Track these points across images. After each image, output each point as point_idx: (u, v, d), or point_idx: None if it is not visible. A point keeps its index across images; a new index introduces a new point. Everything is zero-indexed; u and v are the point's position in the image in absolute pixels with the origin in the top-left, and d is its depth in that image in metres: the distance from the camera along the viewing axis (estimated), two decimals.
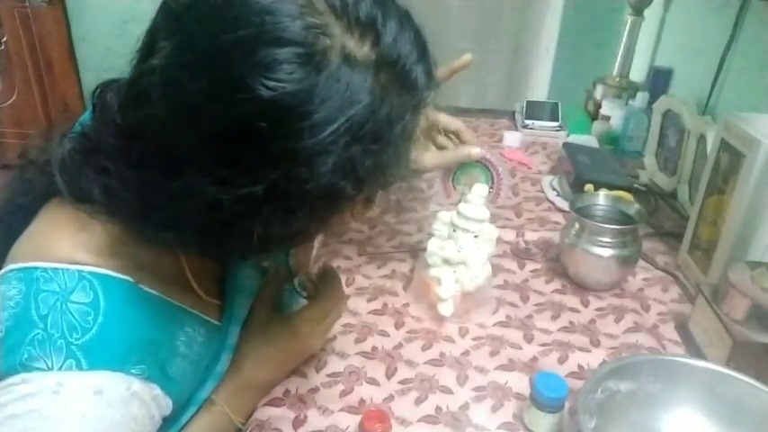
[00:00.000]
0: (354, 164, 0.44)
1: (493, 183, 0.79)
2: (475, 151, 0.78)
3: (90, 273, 0.48)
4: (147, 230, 0.49)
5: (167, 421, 0.56)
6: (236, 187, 0.42)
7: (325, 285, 0.69)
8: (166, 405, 0.53)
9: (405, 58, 0.45)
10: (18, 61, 2.58)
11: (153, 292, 0.53)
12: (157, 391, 0.51)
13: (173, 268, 0.55)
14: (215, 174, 0.43)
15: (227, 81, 0.41)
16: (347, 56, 0.42)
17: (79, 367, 0.45)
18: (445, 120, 0.82)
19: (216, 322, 0.62)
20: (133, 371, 0.48)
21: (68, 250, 0.49)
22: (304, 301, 0.71)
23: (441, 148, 0.83)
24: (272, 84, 0.40)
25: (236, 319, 0.64)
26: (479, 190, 0.76)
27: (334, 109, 0.41)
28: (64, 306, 0.46)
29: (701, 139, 1.02)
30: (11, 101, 2.67)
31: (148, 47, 0.46)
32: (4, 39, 2.54)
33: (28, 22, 2.50)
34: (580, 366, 0.73)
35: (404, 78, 0.46)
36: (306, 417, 0.65)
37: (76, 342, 0.46)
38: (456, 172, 0.82)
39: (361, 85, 0.42)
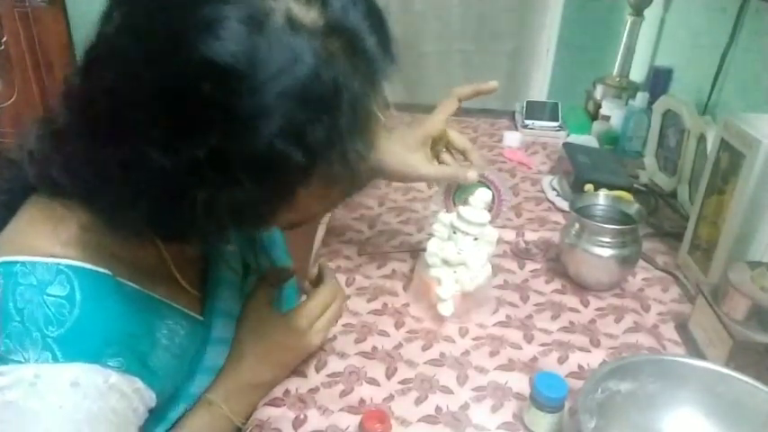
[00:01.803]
0: (301, 130, 0.43)
1: (493, 202, 0.79)
2: (472, 175, 0.77)
3: (67, 266, 0.48)
4: (106, 212, 0.49)
5: (156, 416, 0.56)
6: (178, 152, 0.42)
7: (321, 282, 0.69)
8: (150, 398, 0.53)
9: (355, 27, 0.45)
10: (18, 61, 2.58)
11: (131, 284, 0.53)
12: (139, 384, 0.51)
13: (153, 260, 0.56)
14: (158, 139, 0.42)
15: (168, 39, 0.41)
16: (291, 19, 0.42)
17: (55, 359, 0.46)
18: (454, 137, 0.81)
19: (198, 317, 0.62)
20: (110, 363, 0.48)
21: (46, 244, 0.49)
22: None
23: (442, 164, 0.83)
24: (212, 42, 0.40)
25: (219, 311, 0.64)
26: (482, 194, 0.76)
27: (275, 70, 0.41)
28: (40, 299, 0.47)
29: (701, 139, 1.02)
30: (11, 101, 2.67)
31: (105, 17, 0.46)
32: (4, 39, 2.54)
33: (28, 22, 2.50)
34: (580, 366, 0.73)
35: (354, 47, 0.45)
36: (306, 417, 0.65)
37: (52, 335, 0.46)
38: (456, 191, 0.82)
39: (305, 48, 0.42)
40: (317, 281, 0.71)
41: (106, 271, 0.50)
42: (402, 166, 0.76)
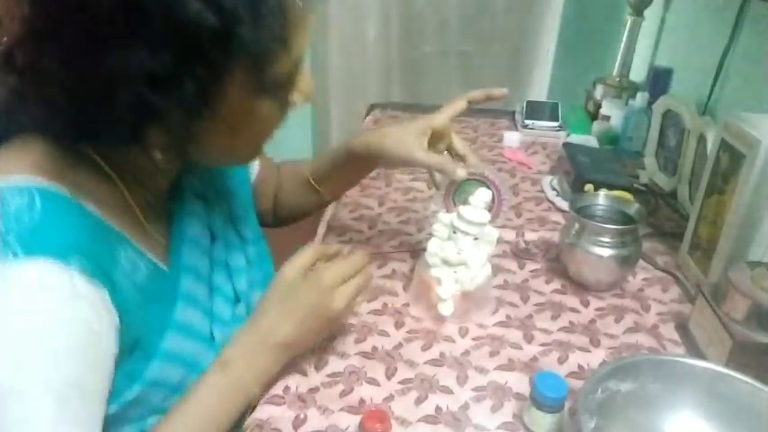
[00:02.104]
0: None
1: (493, 202, 0.79)
2: (461, 172, 0.76)
3: (27, 182, 0.50)
4: (44, 117, 0.51)
5: (130, 373, 0.55)
6: (97, 8, 0.44)
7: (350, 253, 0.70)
8: (117, 324, 0.53)
9: None
10: None
11: (92, 210, 0.53)
12: (106, 296, 0.51)
13: (113, 197, 0.57)
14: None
15: None
16: None
17: (15, 256, 0.46)
18: (456, 141, 0.82)
19: (162, 266, 0.62)
20: (73, 263, 0.48)
21: (6, 166, 0.51)
22: None
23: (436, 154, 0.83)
24: None
25: (186, 268, 0.64)
26: (482, 194, 0.76)
27: None
28: (1, 210, 0.48)
29: (701, 139, 1.02)
30: None
31: None
32: (4, 39, 2.54)
33: None
34: (580, 366, 0.73)
35: None
36: (306, 417, 0.65)
37: (12, 233, 0.47)
38: (456, 190, 0.81)
39: None
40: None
41: (66, 192, 0.52)
42: (398, 147, 0.77)
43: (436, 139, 0.80)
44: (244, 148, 0.62)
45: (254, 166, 0.87)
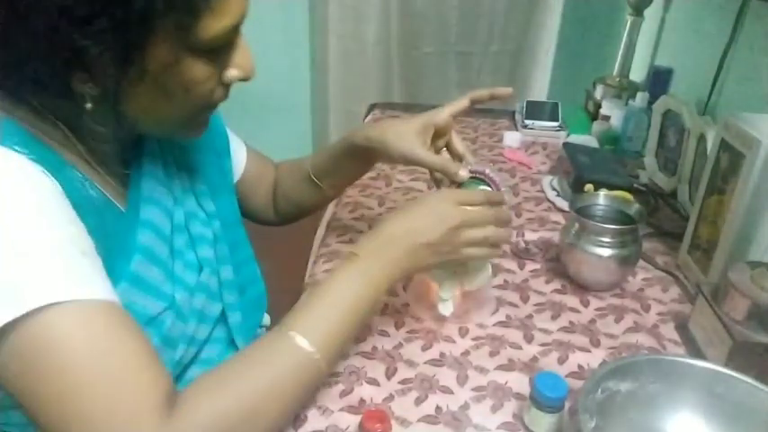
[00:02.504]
0: None
1: None
2: (463, 173, 0.76)
3: None
4: None
5: None
6: None
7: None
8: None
9: None
10: None
11: (37, 136, 0.53)
12: (59, 189, 0.51)
13: (62, 141, 0.56)
14: None
15: None
16: None
17: None
18: (456, 140, 0.81)
19: (119, 206, 0.61)
20: (21, 151, 0.49)
21: None
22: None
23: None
24: None
25: (144, 222, 0.63)
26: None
27: None
28: None
29: (701, 139, 1.02)
30: None
31: None
32: None
33: None
34: (580, 366, 0.73)
35: None
36: (306, 417, 0.65)
37: None
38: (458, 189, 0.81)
39: None
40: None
41: (9, 118, 0.52)
42: (398, 141, 0.76)
43: (436, 136, 0.80)
44: (179, 116, 0.60)
45: (241, 162, 0.86)
